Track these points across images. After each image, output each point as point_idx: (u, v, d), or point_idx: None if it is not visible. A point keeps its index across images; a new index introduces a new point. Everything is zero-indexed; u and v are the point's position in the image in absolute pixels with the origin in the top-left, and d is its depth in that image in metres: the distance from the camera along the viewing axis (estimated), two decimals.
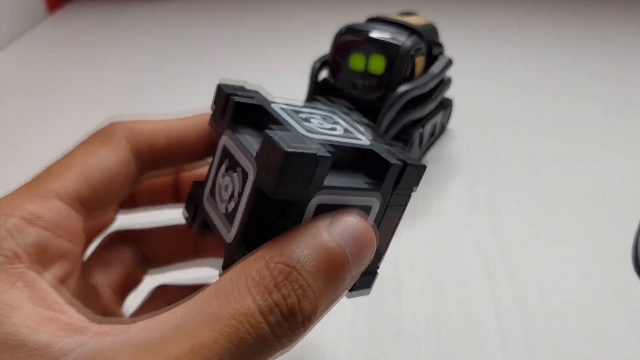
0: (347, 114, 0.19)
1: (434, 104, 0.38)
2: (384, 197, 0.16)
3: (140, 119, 0.19)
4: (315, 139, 0.15)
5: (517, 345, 0.25)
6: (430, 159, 0.40)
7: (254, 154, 0.15)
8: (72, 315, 0.15)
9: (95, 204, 0.18)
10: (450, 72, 0.40)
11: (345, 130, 0.17)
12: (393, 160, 0.16)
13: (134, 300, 0.22)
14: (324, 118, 0.18)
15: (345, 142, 0.16)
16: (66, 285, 0.17)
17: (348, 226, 0.15)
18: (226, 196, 0.17)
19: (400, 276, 0.29)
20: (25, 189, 0.17)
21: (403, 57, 0.34)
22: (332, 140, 0.16)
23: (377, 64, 0.34)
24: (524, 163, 0.39)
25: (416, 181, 0.17)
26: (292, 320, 0.13)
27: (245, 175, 0.16)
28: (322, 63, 0.37)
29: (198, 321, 0.13)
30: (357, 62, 0.34)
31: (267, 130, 0.14)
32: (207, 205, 0.18)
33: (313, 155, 0.13)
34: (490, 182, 0.37)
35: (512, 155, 0.40)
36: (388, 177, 0.16)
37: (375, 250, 0.16)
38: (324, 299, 0.14)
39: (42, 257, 0.16)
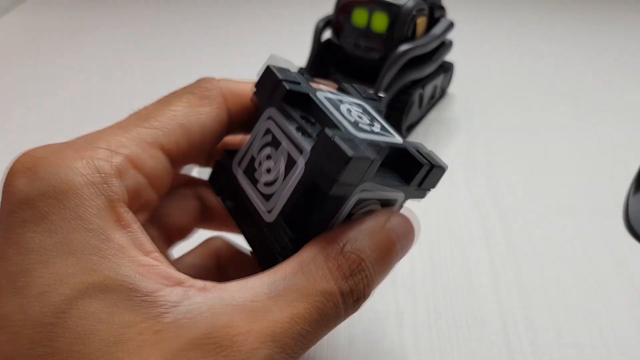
0: (374, 106, 0.20)
1: (434, 65, 0.38)
2: (408, 191, 0.18)
3: (231, 80, 0.19)
4: (363, 139, 0.16)
5: (510, 296, 0.26)
6: (430, 120, 0.41)
7: (306, 148, 0.16)
8: (165, 263, 0.15)
9: (188, 159, 0.18)
10: (451, 37, 0.40)
11: (382, 127, 0.18)
12: (424, 162, 0.17)
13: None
14: (362, 112, 0.18)
15: (385, 142, 0.17)
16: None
17: (400, 224, 0.17)
18: (267, 177, 0.18)
19: None
20: (130, 128, 0.16)
21: (405, 16, 0.34)
22: (376, 141, 0.17)
23: (380, 22, 0.34)
24: (521, 127, 0.40)
25: (437, 181, 0.18)
26: (358, 302, 0.16)
27: (292, 163, 0.17)
28: (326, 23, 0.38)
29: (291, 293, 0.15)
30: (360, 17, 0.34)
31: (326, 130, 0.15)
32: (239, 176, 0.19)
33: (369, 159, 0.15)
34: (488, 144, 0.38)
35: (510, 120, 0.41)
36: (417, 176, 0.17)
37: (414, 239, 0.18)
38: (378, 283, 0.17)
39: (133, 203, 0.16)
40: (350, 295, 0.15)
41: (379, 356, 0.23)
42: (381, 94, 0.34)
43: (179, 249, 0.22)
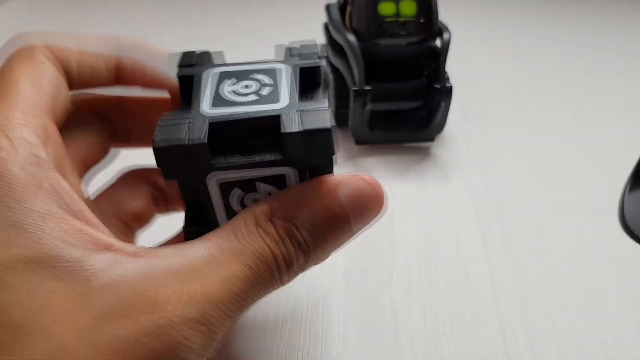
0: (293, 69, 0.18)
1: None
2: (297, 164, 0.16)
3: (48, 37, 0.18)
4: (211, 115, 0.15)
5: (507, 295, 0.26)
6: None
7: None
8: (97, 225, 0.15)
9: (57, 113, 0.17)
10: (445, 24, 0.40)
11: (270, 93, 0.17)
12: (290, 129, 0.15)
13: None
14: (256, 80, 0.17)
15: (248, 113, 0.16)
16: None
17: (355, 190, 0.16)
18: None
19: (393, 227, 0.30)
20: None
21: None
22: (233, 114, 0.15)
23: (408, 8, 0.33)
24: (518, 126, 0.40)
25: (326, 149, 0.15)
26: (292, 267, 0.16)
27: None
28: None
29: (225, 255, 0.15)
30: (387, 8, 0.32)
31: (160, 119, 0.15)
32: None
33: (181, 146, 0.14)
34: (485, 143, 0.38)
35: (507, 119, 0.41)
36: (287, 148, 0.15)
37: (383, 209, 0.17)
38: (319, 252, 0.16)
39: (47, 147, 0.15)
40: (283, 258, 0.15)
41: (374, 354, 0.23)
42: (448, 84, 0.33)
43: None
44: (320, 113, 0.15)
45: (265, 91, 0.17)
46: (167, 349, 0.13)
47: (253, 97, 0.16)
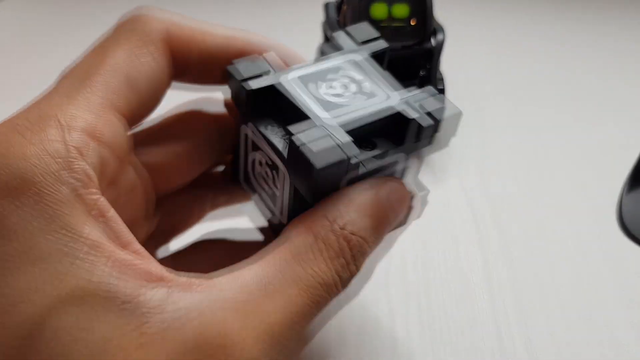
0: (372, 50, 0.18)
1: None
2: (410, 149, 0.17)
3: (174, 18, 0.17)
4: (340, 125, 0.15)
5: (504, 295, 0.26)
6: None
7: (284, 154, 0.16)
8: (146, 257, 0.13)
9: (139, 116, 0.16)
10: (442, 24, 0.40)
11: (372, 87, 0.17)
12: (424, 122, 0.16)
13: None
14: (343, 74, 0.17)
15: (372, 115, 0.16)
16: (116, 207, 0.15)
17: (390, 193, 0.16)
18: (266, 184, 0.18)
19: None
20: (74, 93, 0.14)
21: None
22: (356, 118, 0.15)
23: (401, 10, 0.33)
24: (515, 126, 0.40)
25: (450, 128, 0.17)
26: (353, 275, 0.15)
27: (279, 171, 0.16)
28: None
29: (284, 281, 0.13)
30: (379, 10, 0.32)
31: (292, 138, 0.14)
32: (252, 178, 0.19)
33: (343, 161, 0.14)
34: (482, 143, 0.37)
35: (504, 119, 0.41)
36: (409, 135, 0.16)
37: (408, 207, 0.17)
38: (368, 254, 0.16)
39: (101, 182, 0.13)
40: (344, 274, 0.15)
41: (371, 355, 0.23)
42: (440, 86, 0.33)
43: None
44: (438, 99, 0.16)
45: (366, 87, 0.17)
46: None
47: (360, 95, 0.16)
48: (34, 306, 0.11)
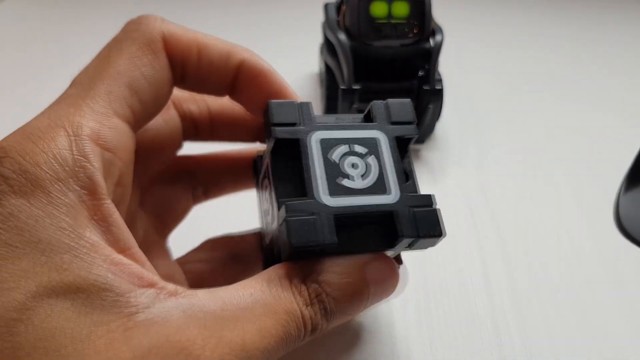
0: (398, 134, 0.18)
1: None
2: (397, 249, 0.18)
3: (173, 24, 0.18)
4: (333, 208, 0.16)
5: (501, 294, 0.26)
6: None
7: (276, 209, 0.17)
8: (143, 262, 0.15)
9: (144, 120, 0.17)
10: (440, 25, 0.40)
11: (378, 178, 0.17)
12: (405, 233, 0.16)
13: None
14: (363, 154, 0.18)
15: (366, 207, 0.16)
16: (121, 207, 0.17)
17: (379, 269, 0.17)
18: (267, 201, 0.19)
19: None
20: (79, 102, 0.15)
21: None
22: (352, 206, 0.16)
23: (401, 9, 0.33)
24: (512, 124, 0.40)
25: (431, 245, 0.17)
26: (315, 331, 0.16)
27: (274, 214, 0.18)
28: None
29: (260, 308, 0.15)
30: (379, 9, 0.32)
31: (283, 212, 0.16)
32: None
33: (318, 245, 0.15)
34: (479, 142, 0.38)
35: (500, 117, 0.41)
36: (399, 244, 0.17)
37: (395, 289, 0.18)
38: (340, 317, 0.17)
39: (107, 185, 0.15)
40: (310, 322, 0.16)
41: (369, 354, 0.23)
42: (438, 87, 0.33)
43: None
44: (431, 216, 0.17)
45: (373, 175, 0.17)
46: None
47: (365, 184, 0.17)
48: (24, 291, 0.12)
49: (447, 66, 0.44)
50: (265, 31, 0.55)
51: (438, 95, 0.33)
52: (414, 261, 0.28)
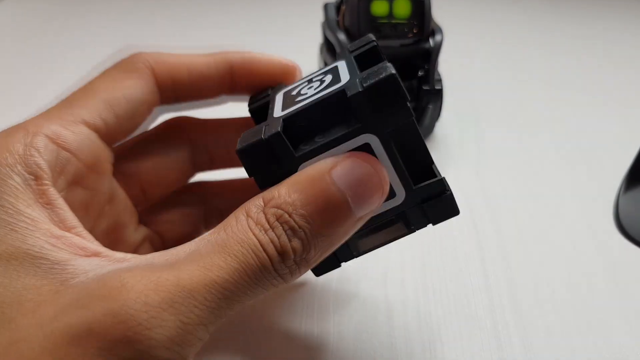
0: (351, 58, 0.18)
1: None
2: (375, 127, 0.15)
3: (161, 52, 0.20)
4: (281, 116, 0.16)
5: (501, 294, 0.26)
6: None
7: None
8: (89, 239, 0.15)
9: (119, 133, 0.19)
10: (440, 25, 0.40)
11: (331, 80, 0.17)
12: (352, 91, 0.15)
13: None
14: (319, 80, 0.17)
15: (315, 100, 0.16)
16: (90, 211, 0.18)
17: (349, 170, 0.15)
18: None
19: None
20: (52, 112, 0.17)
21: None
22: (299, 107, 0.16)
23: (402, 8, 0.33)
24: (511, 124, 0.40)
25: (395, 96, 0.15)
26: (286, 257, 0.14)
27: None
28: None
29: (208, 246, 0.14)
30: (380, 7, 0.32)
31: (239, 140, 0.16)
32: None
33: (260, 141, 0.15)
34: (478, 141, 0.38)
35: (500, 116, 0.41)
36: (357, 109, 0.15)
37: (385, 191, 0.16)
38: (319, 239, 0.15)
39: (57, 178, 0.16)
40: (272, 246, 0.14)
41: (369, 353, 0.23)
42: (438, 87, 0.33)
43: None
44: (380, 67, 0.15)
45: (327, 82, 0.17)
46: (124, 338, 0.12)
47: (318, 89, 0.17)
48: None
49: (447, 66, 0.44)
50: (265, 31, 0.55)
51: (438, 95, 0.33)
52: (414, 261, 0.28)
